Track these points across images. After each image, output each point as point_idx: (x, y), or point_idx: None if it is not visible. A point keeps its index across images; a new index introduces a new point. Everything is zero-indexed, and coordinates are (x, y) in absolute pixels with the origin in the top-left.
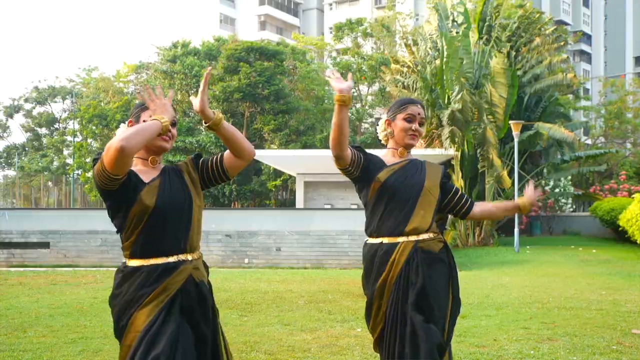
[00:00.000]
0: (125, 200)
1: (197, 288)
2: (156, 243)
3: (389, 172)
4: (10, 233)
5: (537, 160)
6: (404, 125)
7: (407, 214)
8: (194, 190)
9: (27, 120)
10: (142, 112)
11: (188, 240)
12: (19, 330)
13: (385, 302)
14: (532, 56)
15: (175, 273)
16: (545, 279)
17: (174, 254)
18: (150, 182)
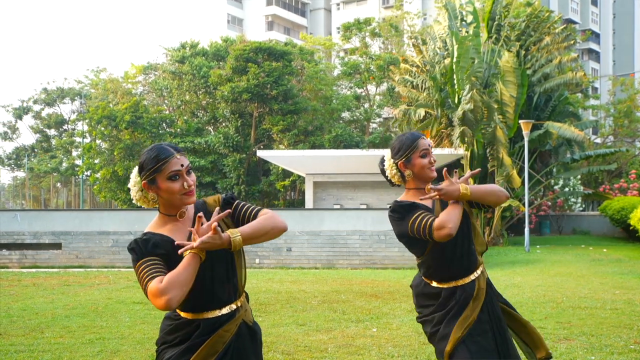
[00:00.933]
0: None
1: (249, 329)
2: (207, 297)
3: (438, 204)
4: (22, 234)
5: (547, 159)
6: (422, 163)
7: (472, 252)
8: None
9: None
10: (157, 175)
11: (237, 285)
12: (36, 331)
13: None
14: (542, 55)
15: (229, 323)
16: (558, 278)
17: (225, 305)
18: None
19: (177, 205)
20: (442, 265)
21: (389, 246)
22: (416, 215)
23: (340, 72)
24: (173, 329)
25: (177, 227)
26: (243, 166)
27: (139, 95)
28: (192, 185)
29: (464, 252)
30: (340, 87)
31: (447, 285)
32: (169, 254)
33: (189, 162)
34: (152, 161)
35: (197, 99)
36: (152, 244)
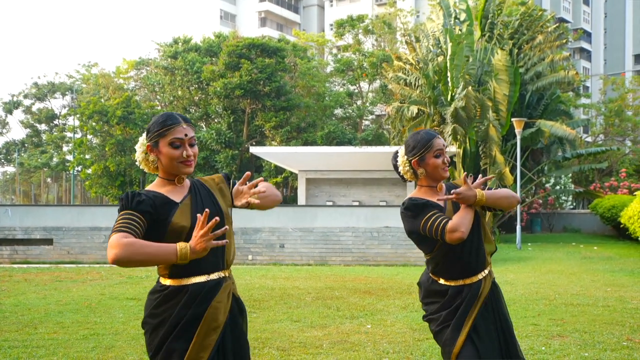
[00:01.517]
0: (158, 229)
1: (237, 302)
2: (196, 262)
3: (450, 206)
4: (13, 229)
5: (539, 157)
6: (436, 163)
7: (481, 252)
8: (224, 205)
9: (27, 117)
10: (160, 139)
11: (225, 256)
12: (29, 326)
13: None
14: (534, 53)
15: (220, 291)
16: (550, 275)
17: (214, 271)
18: (181, 201)
19: (174, 172)
20: (450, 263)
21: (382, 243)
22: (429, 215)
23: (333, 69)
24: (161, 301)
25: (174, 190)
26: (235, 162)
27: (131, 91)
28: (192, 157)
29: (473, 251)
30: (333, 84)
31: (455, 283)
32: (157, 211)
33: (194, 135)
34: (159, 125)
35: (189, 95)
36: (138, 200)
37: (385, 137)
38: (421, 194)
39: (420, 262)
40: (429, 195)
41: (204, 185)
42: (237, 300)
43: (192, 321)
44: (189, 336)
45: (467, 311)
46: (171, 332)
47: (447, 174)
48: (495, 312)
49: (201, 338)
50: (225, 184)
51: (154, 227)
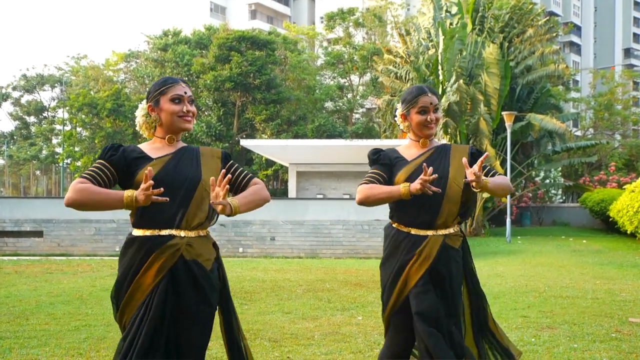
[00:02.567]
0: (127, 178)
1: (186, 266)
2: (152, 215)
3: (409, 171)
4: (3, 222)
5: (529, 151)
6: (419, 119)
7: (435, 208)
8: (208, 174)
9: (16, 109)
10: (161, 97)
11: (184, 217)
12: (20, 317)
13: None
14: (525, 47)
15: (164, 246)
16: (539, 268)
17: (166, 227)
18: (158, 157)
19: (174, 128)
20: (401, 208)
21: (372, 236)
22: (369, 172)
23: (324, 62)
24: (122, 249)
25: (161, 148)
26: None
27: (121, 83)
28: (191, 112)
29: (426, 206)
30: (324, 77)
31: (402, 228)
32: (129, 163)
33: (193, 95)
34: (160, 84)
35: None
36: (112, 153)
37: (376, 131)
38: (403, 146)
39: None
40: (409, 148)
41: (196, 152)
42: (188, 264)
43: (132, 274)
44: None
45: (403, 265)
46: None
47: (431, 131)
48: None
49: (132, 291)
50: (220, 161)
51: (124, 178)
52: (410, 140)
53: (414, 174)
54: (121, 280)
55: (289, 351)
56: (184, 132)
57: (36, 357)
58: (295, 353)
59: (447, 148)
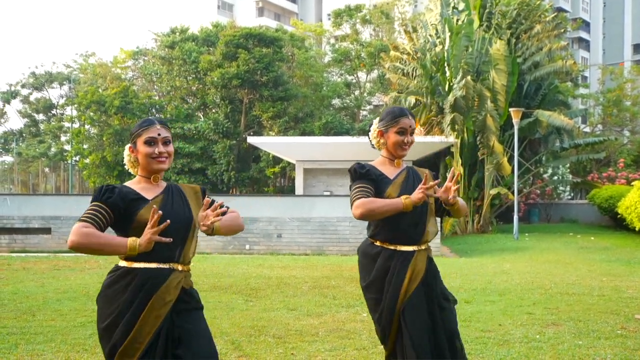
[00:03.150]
0: (125, 220)
1: (186, 293)
2: (153, 251)
3: (397, 187)
4: (11, 218)
5: (536, 147)
6: (396, 139)
7: (420, 224)
8: (195, 211)
9: (25, 106)
10: (137, 139)
11: (182, 253)
12: (27, 313)
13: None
14: (532, 43)
15: (168, 280)
16: (546, 265)
17: (167, 262)
18: (153, 198)
19: (150, 169)
20: (388, 226)
21: None
22: (357, 186)
23: (331, 59)
24: (112, 281)
25: (149, 188)
26: (233, 152)
27: (129, 81)
28: (165, 154)
29: (413, 221)
30: (331, 74)
31: (388, 246)
32: (126, 205)
33: (169, 135)
34: (137, 127)
35: (187, 85)
36: (109, 194)
37: None
38: (378, 163)
39: None
40: (385, 165)
41: (180, 190)
42: (187, 293)
43: (138, 306)
44: (134, 320)
45: (399, 283)
46: (120, 312)
47: (404, 152)
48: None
49: (142, 324)
50: (199, 196)
51: (122, 219)
52: (382, 158)
53: (402, 191)
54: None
55: (293, 347)
56: (160, 172)
57: (42, 352)
58: (299, 349)
59: (415, 170)
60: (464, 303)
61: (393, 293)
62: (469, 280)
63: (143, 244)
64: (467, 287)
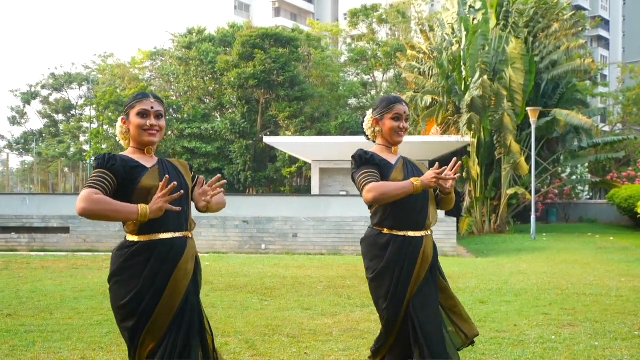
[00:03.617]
0: (127, 187)
1: (197, 263)
2: (163, 219)
3: (400, 172)
4: (31, 218)
5: (554, 147)
6: (392, 125)
7: (424, 209)
8: (188, 182)
9: (44, 107)
10: (130, 110)
11: (188, 220)
12: (45, 312)
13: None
14: (550, 42)
15: (186, 250)
16: (563, 265)
17: (178, 230)
18: (151, 167)
19: (141, 141)
20: (396, 212)
21: None
22: (364, 171)
23: (347, 58)
24: (129, 256)
25: (144, 158)
26: (249, 152)
27: (146, 81)
28: (156, 127)
29: (419, 207)
30: (347, 73)
31: (398, 232)
32: (128, 172)
33: (162, 110)
34: (131, 99)
35: (204, 85)
36: (112, 162)
37: None
38: (376, 150)
39: None
40: (383, 153)
41: (171, 163)
42: (197, 262)
43: (165, 277)
44: (160, 291)
45: (410, 271)
46: (145, 285)
47: (401, 138)
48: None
49: (169, 295)
50: (189, 171)
51: (123, 187)
52: (379, 146)
53: (406, 173)
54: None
55: (307, 347)
56: (151, 145)
57: (58, 350)
58: (312, 349)
59: (406, 159)
60: (479, 303)
61: (405, 280)
62: (484, 280)
63: (154, 210)
64: (482, 288)
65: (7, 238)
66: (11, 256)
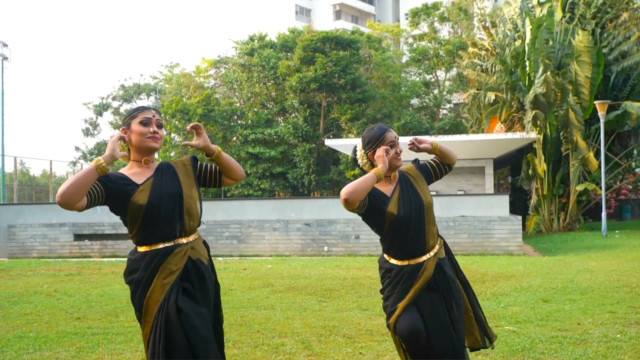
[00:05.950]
0: (120, 205)
1: (194, 265)
2: (155, 232)
3: (396, 203)
4: (102, 225)
5: (626, 140)
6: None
7: (422, 237)
8: (187, 183)
9: (115, 118)
10: (132, 120)
11: (183, 227)
12: (111, 315)
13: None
14: (619, 32)
15: (172, 254)
16: (635, 263)
17: (170, 240)
18: (143, 182)
19: (144, 148)
20: (396, 245)
21: (458, 232)
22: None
23: (409, 58)
24: (130, 263)
25: (141, 172)
26: (313, 156)
27: (211, 89)
28: (158, 134)
29: (415, 237)
30: (409, 73)
31: (401, 262)
32: (116, 189)
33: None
34: (132, 110)
35: (266, 91)
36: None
37: (464, 126)
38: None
39: (498, 252)
40: (382, 184)
41: (171, 167)
42: (195, 264)
43: (147, 279)
44: (146, 291)
45: (407, 288)
46: (136, 291)
47: (400, 162)
48: (444, 290)
49: (151, 293)
50: (191, 166)
51: (118, 204)
52: None
53: (401, 206)
54: (136, 286)
55: (362, 347)
56: (153, 152)
57: (121, 352)
58: (368, 349)
59: (406, 176)
60: (542, 302)
61: (400, 295)
62: (549, 278)
63: (106, 156)
64: (547, 286)
65: (81, 245)
66: (84, 262)
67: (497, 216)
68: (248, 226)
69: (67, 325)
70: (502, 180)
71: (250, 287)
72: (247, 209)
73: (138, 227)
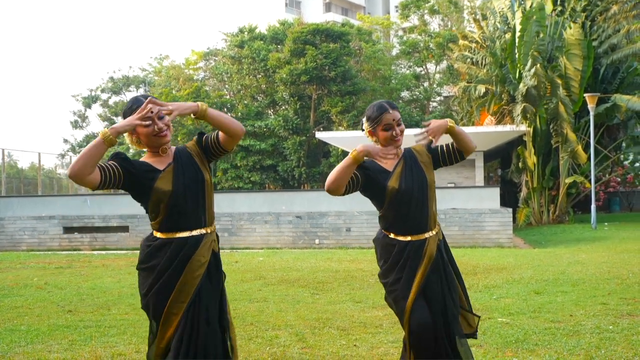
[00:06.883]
0: (143, 191)
1: (215, 258)
2: (180, 220)
3: (398, 178)
4: (92, 218)
5: (615, 133)
6: (385, 135)
7: (425, 212)
8: (203, 168)
9: (104, 110)
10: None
11: (207, 216)
12: (103, 308)
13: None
14: (609, 25)
15: (200, 246)
16: (625, 255)
17: (195, 228)
18: (165, 168)
19: (156, 144)
20: (398, 219)
21: (449, 225)
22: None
23: (399, 51)
24: (150, 250)
25: (160, 160)
26: (303, 148)
27: (200, 81)
28: (164, 128)
29: (418, 210)
30: (399, 66)
31: (403, 238)
32: (138, 175)
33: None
34: (129, 110)
35: (256, 83)
36: (123, 158)
37: (454, 119)
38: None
39: (489, 244)
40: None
41: (186, 152)
42: (216, 256)
43: (176, 271)
44: (173, 283)
45: (414, 268)
46: (159, 279)
47: (398, 143)
48: (441, 271)
49: (182, 286)
50: (197, 146)
51: (140, 191)
52: None
53: (402, 180)
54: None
55: (356, 339)
56: (165, 145)
57: (114, 344)
58: (362, 341)
59: (411, 153)
60: (534, 294)
61: (408, 279)
62: (541, 270)
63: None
64: (538, 278)
65: (71, 238)
66: (74, 255)
67: (488, 209)
68: (239, 219)
69: (59, 318)
70: (492, 173)
71: (243, 279)
72: (238, 202)
73: (163, 214)
